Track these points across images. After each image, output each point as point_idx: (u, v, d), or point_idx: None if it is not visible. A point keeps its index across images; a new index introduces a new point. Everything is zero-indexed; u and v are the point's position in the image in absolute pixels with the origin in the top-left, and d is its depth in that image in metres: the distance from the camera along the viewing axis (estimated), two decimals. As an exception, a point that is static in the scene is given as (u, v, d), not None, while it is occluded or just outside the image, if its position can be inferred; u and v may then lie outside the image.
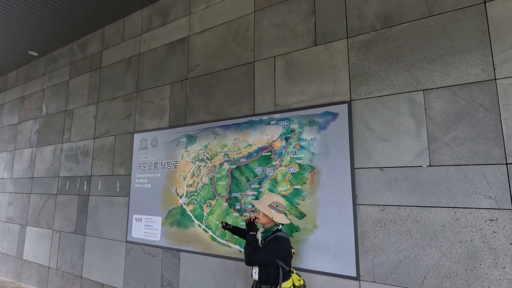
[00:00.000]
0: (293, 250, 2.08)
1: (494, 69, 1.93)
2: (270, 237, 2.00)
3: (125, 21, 4.42)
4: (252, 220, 2.11)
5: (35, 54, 5.65)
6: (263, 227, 2.09)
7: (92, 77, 4.69)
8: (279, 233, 2.00)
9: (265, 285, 1.96)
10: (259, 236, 2.09)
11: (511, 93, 1.87)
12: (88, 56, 4.86)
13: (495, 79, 1.92)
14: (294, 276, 2.01)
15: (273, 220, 2.03)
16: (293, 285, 1.98)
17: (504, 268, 1.77)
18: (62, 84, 5.21)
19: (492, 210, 1.83)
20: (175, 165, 3.40)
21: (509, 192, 1.80)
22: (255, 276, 2.01)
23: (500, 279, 1.77)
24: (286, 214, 2.19)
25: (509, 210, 1.79)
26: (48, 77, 5.57)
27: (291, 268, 2.04)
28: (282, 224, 2.07)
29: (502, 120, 1.87)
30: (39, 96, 5.65)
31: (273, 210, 2.03)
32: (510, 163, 1.82)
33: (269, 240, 1.99)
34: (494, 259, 1.80)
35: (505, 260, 1.77)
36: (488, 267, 1.80)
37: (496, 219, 1.82)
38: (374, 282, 2.13)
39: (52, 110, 5.29)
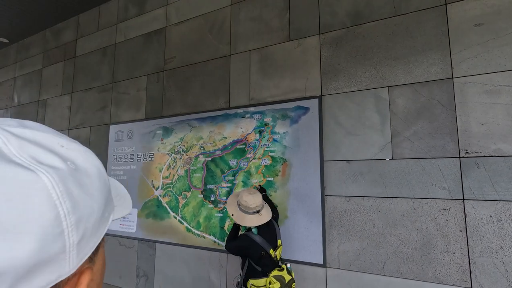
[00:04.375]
0: (275, 253, 1.98)
1: (452, 68, 2.05)
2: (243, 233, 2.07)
3: (101, 9, 4.30)
4: None
5: (5, 41, 5.40)
6: None
7: (66, 66, 4.56)
8: (247, 233, 2.02)
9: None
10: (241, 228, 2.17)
11: (466, 91, 1.99)
12: (62, 45, 4.70)
13: (452, 77, 2.04)
14: (270, 279, 1.90)
15: None
16: (265, 286, 1.92)
17: (454, 253, 1.92)
18: (35, 73, 5.03)
19: (445, 200, 1.97)
20: (151, 157, 3.40)
21: (461, 184, 1.94)
22: None
23: (450, 264, 1.92)
24: (276, 206, 2.07)
25: (460, 200, 1.93)
26: (19, 66, 5.35)
27: (283, 266, 1.97)
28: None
29: (457, 117, 2.00)
30: (10, 85, 5.43)
31: (237, 208, 2.03)
32: (463, 157, 1.96)
33: (238, 236, 2.08)
34: (446, 245, 1.94)
35: (455, 246, 1.92)
36: (441, 252, 1.95)
37: (449, 209, 1.96)
38: (339, 268, 2.25)
39: (24, 99, 5.10)
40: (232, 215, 2.03)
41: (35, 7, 4.36)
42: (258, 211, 2.01)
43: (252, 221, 1.99)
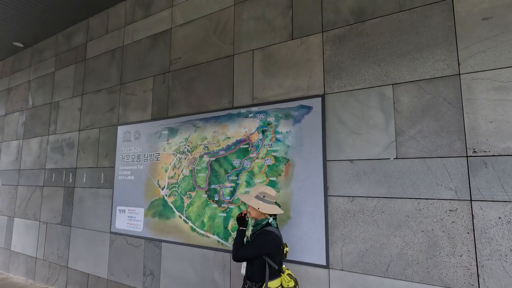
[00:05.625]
0: (286, 249, 2.00)
1: (459, 64, 1.98)
2: (258, 231, 1.94)
3: (109, 12, 4.39)
4: (243, 215, 2.07)
5: (20, 45, 5.59)
6: (254, 221, 2.03)
7: (77, 69, 4.67)
8: (268, 227, 1.93)
9: (251, 281, 1.90)
10: (249, 230, 2.07)
11: (473, 88, 1.92)
12: (73, 48, 4.82)
13: (459, 74, 1.97)
14: (284, 277, 1.88)
15: (262, 213, 1.96)
16: (281, 286, 1.88)
17: (461, 256, 1.85)
18: (48, 76, 5.18)
19: (452, 201, 1.91)
20: (157, 157, 3.44)
21: (468, 184, 1.87)
22: (243, 271, 1.97)
23: (457, 267, 1.85)
24: (279, 205, 2.04)
25: (468, 201, 1.86)
26: (33, 69, 5.52)
27: (283, 267, 1.94)
28: (274, 218, 2.00)
29: (464, 114, 1.93)
30: (25, 88, 5.61)
31: (260, 201, 1.96)
32: (470, 156, 1.88)
33: (256, 235, 1.93)
34: (452, 248, 1.87)
35: (462, 248, 1.85)
36: (447, 255, 1.88)
37: (456, 210, 1.89)
38: (342, 270, 2.21)
39: (38, 102, 5.27)
40: (258, 208, 1.95)
41: (48, 12, 4.49)
42: (275, 202, 2.05)
43: (278, 209, 2.00)
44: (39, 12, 4.51)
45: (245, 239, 2.04)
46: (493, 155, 1.82)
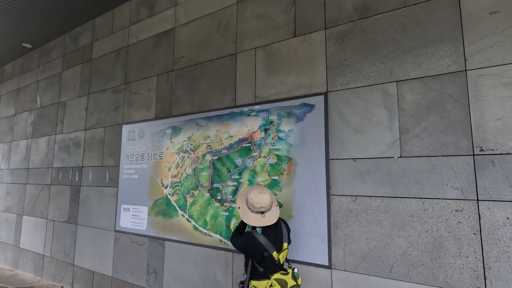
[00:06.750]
0: (280, 255, 1.92)
1: (465, 60, 1.92)
2: (248, 231, 2.01)
3: (114, 12, 4.42)
4: None
5: (29, 46, 5.68)
6: None
7: (83, 69, 4.73)
8: (252, 230, 1.96)
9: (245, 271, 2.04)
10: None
11: (480, 84, 1.86)
12: (79, 48, 4.88)
13: (466, 70, 1.91)
14: (271, 281, 1.85)
15: None
16: None
17: (467, 257, 1.79)
18: (55, 76, 5.25)
19: (458, 201, 1.85)
20: (160, 156, 3.45)
21: (475, 183, 1.82)
22: None
23: (463, 268, 1.80)
24: (281, 205, 2.00)
25: (474, 201, 1.81)
26: (42, 69, 5.61)
27: (288, 269, 1.93)
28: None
29: (471, 112, 1.87)
30: (34, 88, 5.71)
31: (246, 204, 2.00)
32: (477, 155, 1.83)
33: (245, 233, 2.03)
34: (458, 249, 1.82)
35: (469, 249, 1.79)
36: (452, 256, 1.83)
37: (462, 210, 1.84)
38: (345, 270, 2.17)
39: (46, 102, 5.35)
40: (239, 208, 2.00)
41: (55, 13, 4.55)
42: (262, 212, 1.94)
43: (254, 221, 1.94)
44: (47, 13, 4.57)
45: None
46: (501, 154, 1.76)
